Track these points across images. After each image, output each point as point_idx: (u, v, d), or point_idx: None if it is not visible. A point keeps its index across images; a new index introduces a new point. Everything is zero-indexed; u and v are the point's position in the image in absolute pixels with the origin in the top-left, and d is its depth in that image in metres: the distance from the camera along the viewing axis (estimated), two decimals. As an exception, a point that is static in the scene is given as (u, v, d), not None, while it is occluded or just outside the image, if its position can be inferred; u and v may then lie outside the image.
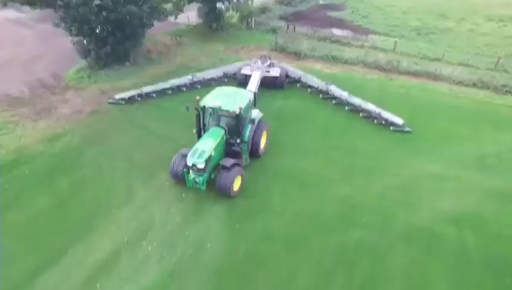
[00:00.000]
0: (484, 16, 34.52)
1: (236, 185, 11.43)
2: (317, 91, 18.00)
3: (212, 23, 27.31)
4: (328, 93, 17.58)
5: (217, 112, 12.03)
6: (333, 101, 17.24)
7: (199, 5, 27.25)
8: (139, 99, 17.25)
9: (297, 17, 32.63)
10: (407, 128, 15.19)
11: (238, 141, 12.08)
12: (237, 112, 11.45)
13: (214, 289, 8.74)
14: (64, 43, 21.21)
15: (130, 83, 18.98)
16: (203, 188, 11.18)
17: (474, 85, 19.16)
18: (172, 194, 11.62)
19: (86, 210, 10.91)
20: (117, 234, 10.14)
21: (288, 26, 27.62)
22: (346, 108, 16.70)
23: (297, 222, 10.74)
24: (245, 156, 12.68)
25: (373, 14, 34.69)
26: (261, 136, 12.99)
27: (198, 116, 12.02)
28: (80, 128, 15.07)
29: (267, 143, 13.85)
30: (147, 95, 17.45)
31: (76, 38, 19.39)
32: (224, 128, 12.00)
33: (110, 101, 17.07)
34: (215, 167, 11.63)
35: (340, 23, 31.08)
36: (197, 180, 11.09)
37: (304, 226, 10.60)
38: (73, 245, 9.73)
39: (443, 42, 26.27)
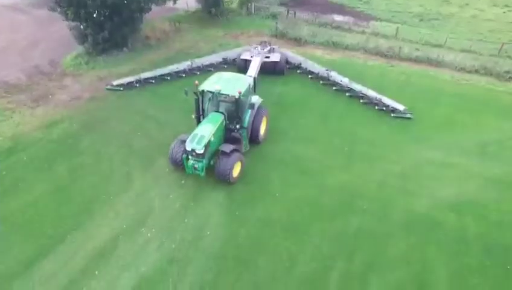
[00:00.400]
0: (489, 1, 33.81)
1: (236, 171, 11.35)
2: (318, 77, 17.80)
3: (211, 8, 26.78)
4: (328, 80, 17.40)
5: (216, 97, 11.90)
6: (334, 88, 17.05)
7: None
8: (137, 85, 17.02)
9: (298, 3, 31.83)
10: (408, 115, 15.05)
11: (237, 126, 11.94)
12: (236, 96, 11.30)
13: (213, 275, 8.75)
14: (61, 28, 20.81)
15: (128, 69, 18.73)
16: (202, 174, 11.10)
17: (477, 72, 18.91)
18: (171, 180, 11.57)
19: (84, 197, 10.86)
20: (116, 221, 10.11)
21: (288, 11, 27.10)
22: (347, 94, 16.54)
23: (297, 208, 10.72)
24: (245, 142, 12.55)
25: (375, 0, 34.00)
26: (260, 122, 12.84)
27: (197, 101, 11.86)
28: (78, 114, 14.91)
29: (266, 129, 13.70)
30: (146, 81, 17.22)
31: (73, 24, 19.02)
32: (223, 113, 11.84)
33: (108, 87, 16.84)
34: (214, 153, 11.54)
35: (341, 9, 30.47)
36: (196, 166, 10.99)
37: (303, 212, 10.57)
38: (71, 232, 9.72)
39: (446, 28, 25.82)
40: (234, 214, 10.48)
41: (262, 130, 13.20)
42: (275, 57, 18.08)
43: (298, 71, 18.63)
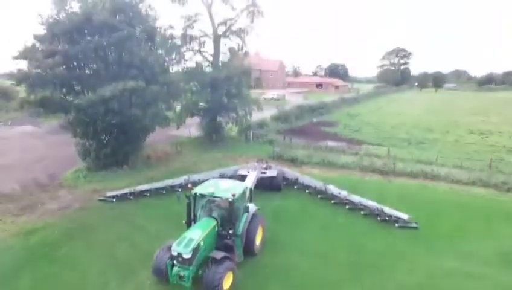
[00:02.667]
0: (466, 130, 37.11)
1: (227, 282, 9.79)
2: (316, 191, 17.44)
3: (212, 134, 29.01)
4: (326, 193, 17.03)
5: (209, 202, 11.40)
6: (332, 201, 16.49)
7: (200, 118, 29.52)
8: (131, 197, 16.63)
9: (293, 132, 34.82)
10: (413, 224, 14.11)
11: (230, 232, 10.95)
12: (230, 199, 10.76)
13: None
14: (69, 150, 22.04)
15: (125, 183, 18.64)
16: (188, 284, 9.53)
17: (474, 183, 18.86)
18: (151, 293, 9.85)
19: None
20: None
21: (284, 137, 29.14)
22: (347, 207, 15.88)
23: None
24: (238, 252, 11.30)
25: (364, 128, 37.30)
26: (256, 230, 11.87)
27: (189, 205, 11.24)
28: (63, 222, 14.06)
29: (262, 240, 12.55)
30: (140, 194, 16.91)
31: (79, 140, 20.15)
32: (216, 218, 11.07)
33: (101, 198, 16.47)
34: (203, 261, 10.16)
35: (334, 136, 32.99)
36: (181, 274, 9.54)
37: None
38: None
39: (434, 149, 27.27)
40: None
41: (257, 240, 12.09)
42: (271, 173, 18.22)
43: (295, 187, 18.39)
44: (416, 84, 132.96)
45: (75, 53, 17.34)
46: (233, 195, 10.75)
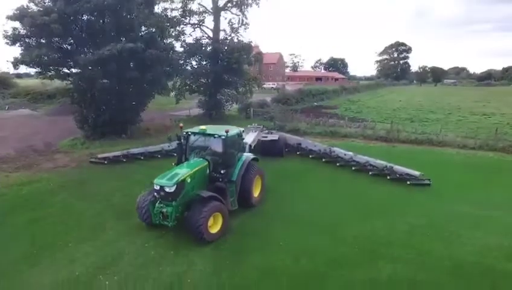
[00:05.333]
0: (468, 112, 36.60)
1: (215, 225, 8.81)
2: (320, 155, 16.53)
3: (212, 111, 28.53)
4: (330, 156, 16.22)
5: (201, 147, 10.47)
6: (337, 164, 15.60)
7: (200, 97, 29.05)
8: (124, 160, 15.84)
9: (295, 113, 34.38)
10: (426, 181, 13.16)
11: (222, 172, 9.80)
12: (223, 137, 9.75)
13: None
14: (67, 125, 21.56)
15: (121, 148, 18.19)
16: (172, 224, 8.62)
17: (481, 148, 18.37)
18: (150, 230, 9.32)
19: (33, 245, 8.52)
20: (66, 269, 7.58)
21: (285, 111, 28.68)
22: (353, 168, 14.92)
23: (308, 256, 8.25)
24: (232, 199, 10.12)
25: (365, 111, 36.85)
26: (253, 180, 10.81)
27: (180, 146, 10.23)
28: (58, 177, 13.57)
29: (262, 193, 11.58)
30: (134, 157, 16.14)
31: (77, 109, 19.65)
32: (208, 161, 9.93)
33: (92, 159, 15.59)
34: (191, 202, 8.96)
35: (336, 116, 32.49)
36: (164, 210, 8.63)
37: (316, 261, 8.08)
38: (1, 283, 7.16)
39: (437, 126, 26.72)
40: (224, 263, 7.98)
41: (255, 191, 11.18)
42: (273, 137, 17.44)
43: (298, 153, 17.61)
44: (415, 81, 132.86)
45: (72, 12, 16.80)
46: (227, 131, 9.74)
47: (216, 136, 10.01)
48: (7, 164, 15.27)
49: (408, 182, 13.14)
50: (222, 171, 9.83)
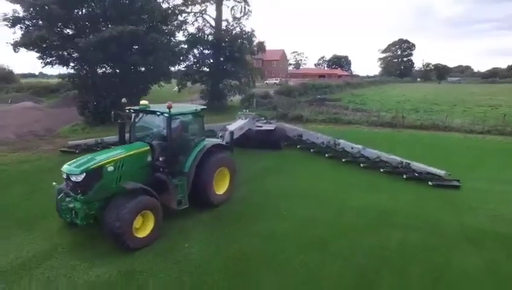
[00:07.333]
0: (474, 104, 36.06)
1: (145, 227, 6.85)
2: (323, 148, 14.31)
3: (215, 101, 28.27)
4: (335, 149, 13.96)
5: (145, 129, 8.50)
6: (343, 159, 13.20)
7: (203, 87, 28.82)
8: (97, 149, 13.09)
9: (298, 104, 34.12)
10: (454, 182, 10.66)
11: (161, 159, 7.60)
12: (167, 114, 7.43)
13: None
14: (68, 115, 21.44)
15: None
16: (80, 222, 6.73)
17: (489, 132, 17.97)
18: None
19: (29, 213, 8.40)
20: (58, 234, 7.36)
21: (288, 100, 28.39)
22: (361, 165, 12.53)
23: (312, 225, 7.97)
24: (181, 195, 7.84)
25: (369, 103, 36.38)
26: (213, 172, 8.52)
27: (121, 125, 8.28)
28: (59, 157, 13.33)
29: (230, 190, 9.21)
30: (108, 145, 12.88)
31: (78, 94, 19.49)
32: (151, 145, 7.78)
33: (62, 149, 14.21)
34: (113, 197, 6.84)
35: (340, 107, 32.14)
36: (71, 206, 6.82)
37: (321, 229, 7.78)
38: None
39: (442, 115, 26.29)
40: (222, 231, 7.68)
41: (218, 187, 8.86)
42: (269, 126, 15.10)
43: (298, 146, 15.25)
44: (419, 79, 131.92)
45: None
46: (169, 107, 7.32)
47: (158, 113, 7.81)
48: (7, 146, 15.12)
49: (430, 183, 10.68)
50: (161, 159, 7.63)
